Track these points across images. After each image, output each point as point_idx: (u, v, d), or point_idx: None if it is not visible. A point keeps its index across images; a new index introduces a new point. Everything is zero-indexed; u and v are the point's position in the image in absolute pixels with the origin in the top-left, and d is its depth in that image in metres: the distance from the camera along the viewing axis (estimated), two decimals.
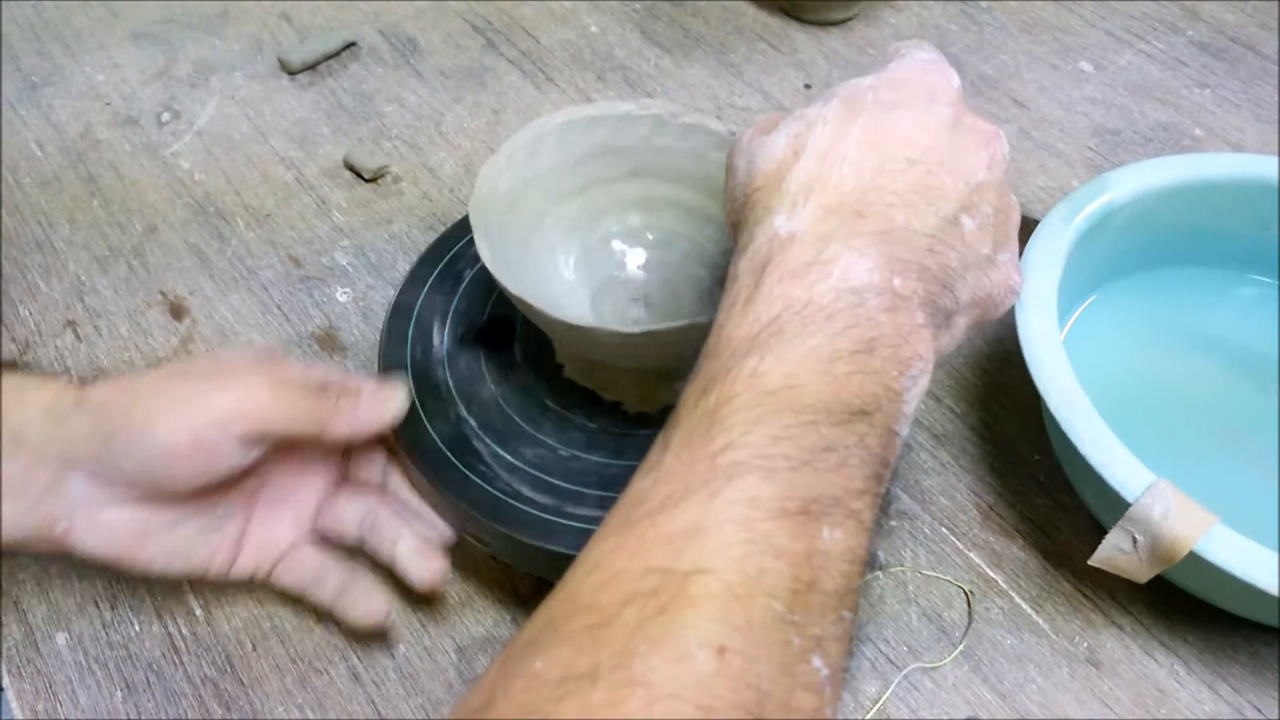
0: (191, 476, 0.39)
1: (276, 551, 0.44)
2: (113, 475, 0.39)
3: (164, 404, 0.38)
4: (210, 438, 0.38)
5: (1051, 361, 0.43)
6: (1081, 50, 0.74)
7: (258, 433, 0.39)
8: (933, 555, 0.48)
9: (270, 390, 0.39)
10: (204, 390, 0.39)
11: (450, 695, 0.44)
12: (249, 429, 0.39)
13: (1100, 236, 0.50)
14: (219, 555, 0.42)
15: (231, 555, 0.43)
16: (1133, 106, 0.69)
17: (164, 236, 0.62)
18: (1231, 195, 0.51)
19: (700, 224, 0.48)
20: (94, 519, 0.39)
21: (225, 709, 0.44)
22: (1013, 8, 0.77)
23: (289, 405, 0.40)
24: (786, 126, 0.35)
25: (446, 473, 0.42)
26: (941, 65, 0.38)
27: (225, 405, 0.39)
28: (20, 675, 0.45)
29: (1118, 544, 0.40)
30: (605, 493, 0.42)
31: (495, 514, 0.41)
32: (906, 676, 0.44)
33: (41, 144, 0.68)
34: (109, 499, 0.39)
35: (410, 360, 0.46)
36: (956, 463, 0.51)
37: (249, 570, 0.43)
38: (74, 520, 0.39)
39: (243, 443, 0.39)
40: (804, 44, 0.75)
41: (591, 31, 0.76)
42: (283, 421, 0.39)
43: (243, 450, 0.39)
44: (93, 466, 0.39)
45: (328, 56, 0.73)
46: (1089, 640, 0.45)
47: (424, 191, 0.65)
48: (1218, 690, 0.44)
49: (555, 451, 0.43)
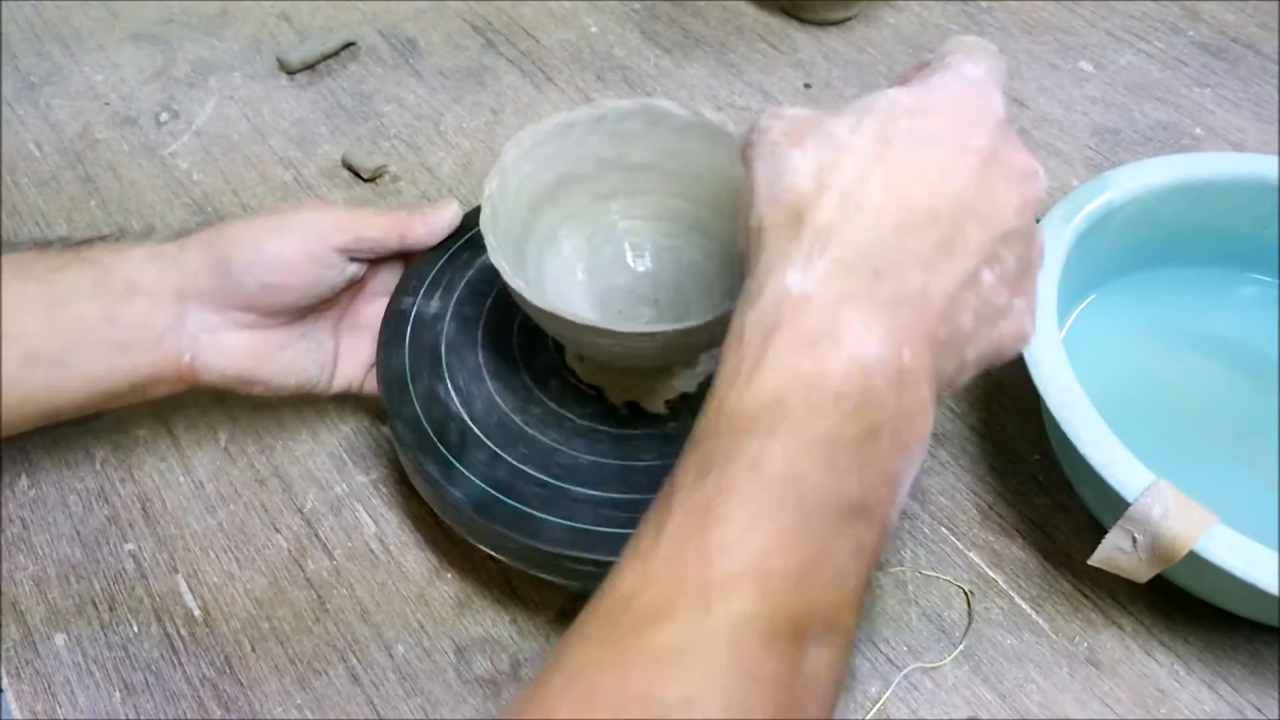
0: (302, 290, 0.45)
1: (365, 367, 0.50)
2: (231, 299, 0.44)
3: (269, 229, 0.44)
4: (316, 250, 0.44)
5: (1051, 361, 0.43)
6: (1082, 50, 0.74)
7: (354, 240, 0.45)
8: (933, 555, 0.48)
9: (353, 210, 0.46)
10: (300, 216, 0.45)
11: (449, 695, 0.44)
12: (347, 240, 0.45)
13: (1100, 236, 0.50)
14: (324, 371, 0.49)
15: (330, 372, 0.49)
16: (1133, 106, 0.69)
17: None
18: (1231, 195, 0.51)
19: (707, 221, 0.48)
20: (216, 344, 0.45)
21: (224, 709, 0.43)
22: (1013, 8, 0.77)
23: (372, 218, 0.46)
24: (814, 149, 0.32)
25: (448, 475, 0.42)
26: (987, 88, 0.34)
27: (323, 222, 0.45)
28: (19, 676, 0.45)
29: (1118, 544, 0.40)
30: (603, 493, 0.42)
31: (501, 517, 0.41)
32: (906, 676, 0.44)
33: (40, 144, 0.68)
34: (226, 325, 0.45)
35: (410, 359, 0.46)
36: (956, 462, 0.51)
37: (346, 383, 0.50)
38: (197, 349, 0.45)
39: (342, 253, 0.45)
40: (804, 44, 0.75)
41: (591, 31, 0.76)
42: (370, 228, 0.46)
43: (342, 260, 0.46)
44: (210, 295, 0.44)
45: (327, 56, 0.73)
46: (1089, 640, 0.45)
47: (423, 191, 0.65)
48: (1218, 690, 0.44)
49: (557, 453, 0.43)
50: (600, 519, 0.41)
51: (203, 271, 0.44)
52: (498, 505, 0.41)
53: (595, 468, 0.43)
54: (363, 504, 0.50)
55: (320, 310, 0.48)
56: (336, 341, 0.49)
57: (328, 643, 0.45)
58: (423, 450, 0.43)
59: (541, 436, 0.44)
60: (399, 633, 0.46)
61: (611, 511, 0.41)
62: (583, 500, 0.41)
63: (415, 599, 0.47)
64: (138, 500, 0.50)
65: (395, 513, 0.50)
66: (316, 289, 0.45)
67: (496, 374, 0.46)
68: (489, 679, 0.44)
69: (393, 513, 0.50)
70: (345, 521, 0.49)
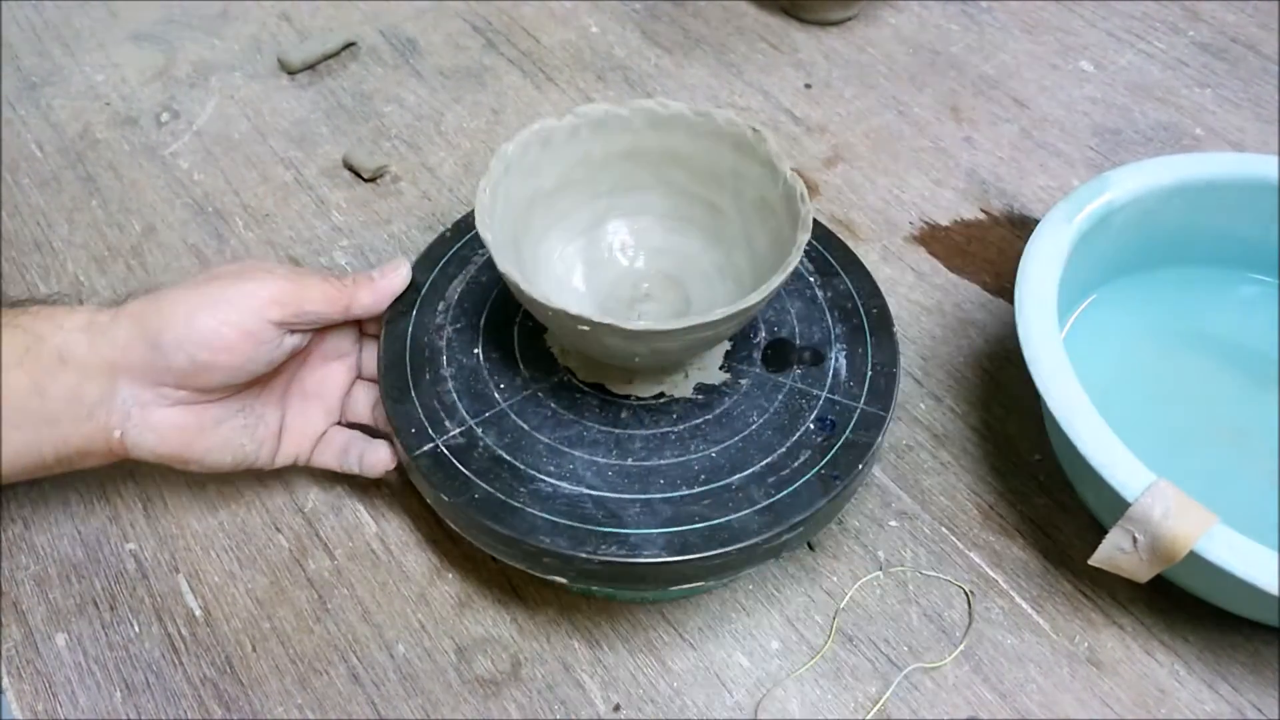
0: (236, 368, 0.42)
1: (312, 439, 0.48)
2: (161, 376, 0.42)
3: (203, 300, 0.42)
4: (250, 326, 0.42)
5: (1051, 361, 0.43)
6: (1082, 50, 0.74)
7: (294, 314, 0.43)
8: (933, 555, 0.48)
9: (295, 280, 0.44)
10: (237, 285, 0.42)
11: (450, 695, 0.44)
12: (285, 314, 0.43)
13: (1100, 236, 0.50)
14: (264, 447, 0.46)
15: (274, 447, 0.47)
16: (1133, 106, 0.69)
17: (163, 236, 0.62)
18: (1231, 195, 0.51)
19: (707, 218, 0.48)
20: (146, 422, 0.43)
21: (225, 709, 0.44)
22: (1013, 8, 0.77)
23: (314, 289, 0.44)
24: None
25: (449, 475, 0.42)
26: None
27: (259, 295, 0.42)
28: (20, 676, 0.45)
29: (1118, 544, 0.40)
30: (604, 493, 0.42)
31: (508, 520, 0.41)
32: (907, 676, 0.44)
33: (41, 144, 0.68)
34: (158, 400, 0.42)
35: (409, 357, 0.46)
36: (957, 463, 0.51)
37: (291, 457, 0.47)
38: (127, 426, 0.42)
39: (279, 328, 0.43)
40: (804, 44, 0.75)
41: (591, 31, 0.76)
42: (311, 302, 0.43)
43: (279, 335, 0.43)
44: (141, 370, 0.42)
45: (327, 56, 0.73)
46: (1089, 640, 0.45)
47: (423, 191, 0.65)
48: (1218, 690, 0.44)
49: (558, 453, 0.43)
50: (601, 519, 0.41)
51: (133, 346, 0.41)
52: (498, 505, 0.41)
53: (596, 467, 0.43)
54: (363, 504, 0.50)
55: (264, 382, 0.46)
56: (283, 412, 0.47)
57: (328, 642, 0.45)
58: (423, 450, 0.43)
59: (528, 427, 0.44)
60: (400, 632, 0.46)
61: (612, 511, 0.41)
62: (584, 500, 0.41)
63: (416, 599, 0.47)
64: (139, 500, 0.50)
65: (396, 512, 0.50)
66: (252, 365, 0.43)
67: (497, 374, 0.46)
68: (490, 679, 0.44)
69: (393, 512, 0.50)
70: (346, 521, 0.49)
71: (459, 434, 0.44)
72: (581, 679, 0.44)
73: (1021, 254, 0.47)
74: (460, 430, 0.44)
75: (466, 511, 0.41)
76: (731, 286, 0.47)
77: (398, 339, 0.47)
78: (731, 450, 0.43)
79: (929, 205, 0.64)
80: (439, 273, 0.50)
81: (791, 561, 0.48)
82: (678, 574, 0.40)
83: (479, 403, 0.45)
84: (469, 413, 0.44)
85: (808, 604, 0.46)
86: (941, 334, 0.57)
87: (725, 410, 0.45)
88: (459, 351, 0.47)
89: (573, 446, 0.43)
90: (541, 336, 0.48)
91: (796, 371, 0.46)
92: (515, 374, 0.46)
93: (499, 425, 0.44)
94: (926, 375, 0.55)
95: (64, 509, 0.50)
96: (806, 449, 0.43)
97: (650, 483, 0.42)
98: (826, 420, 0.44)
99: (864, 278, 0.49)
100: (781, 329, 0.48)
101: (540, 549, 0.40)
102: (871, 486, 0.50)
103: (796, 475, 0.42)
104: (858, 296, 0.49)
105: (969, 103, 0.70)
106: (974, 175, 0.65)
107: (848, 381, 0.45)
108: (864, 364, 0.46)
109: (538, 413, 0.45)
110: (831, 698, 0.44)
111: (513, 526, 0.40)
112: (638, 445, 0.44)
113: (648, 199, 0.49)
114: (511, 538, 0.40)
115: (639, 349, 0.41)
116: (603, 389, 0.46)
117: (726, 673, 0.45)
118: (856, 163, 0.66)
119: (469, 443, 0.43)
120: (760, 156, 0.45)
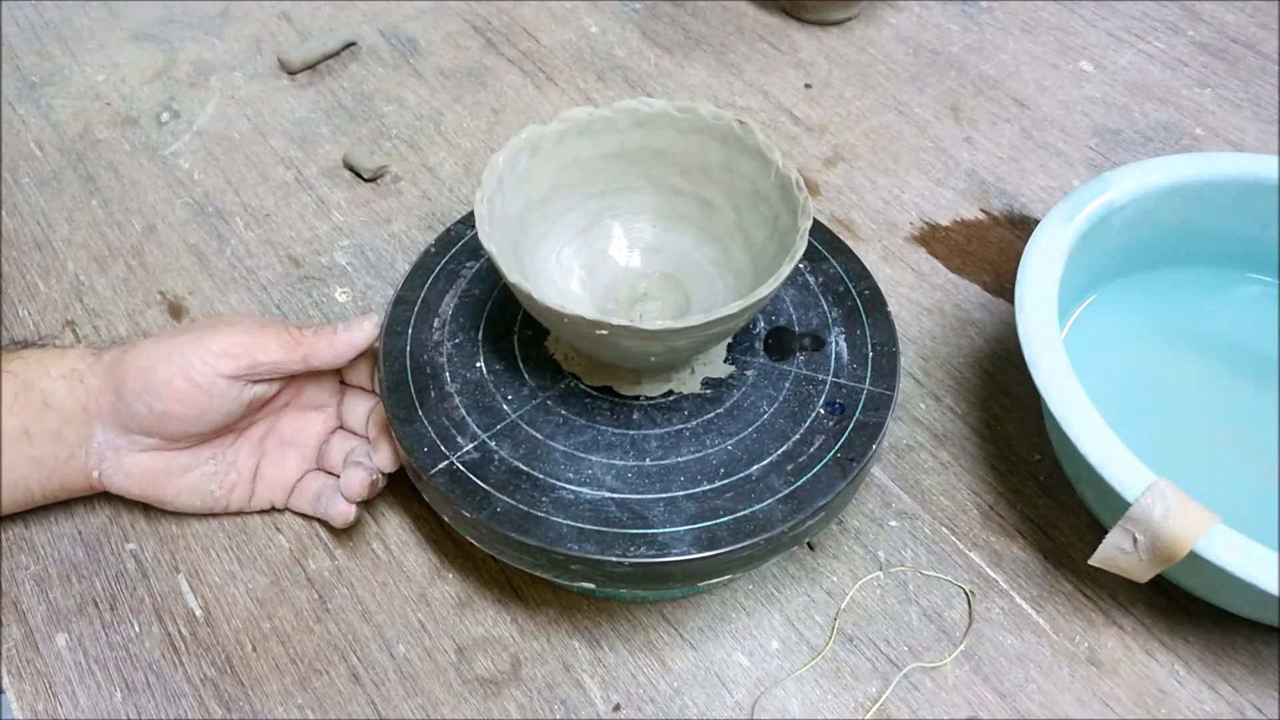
0: (193, 417, 0.44)
1: (286, 486, 0.49)
2: (128, 423, 0.44)
3: (162, 353, 0.44)
4: (201, 380, 0.43)
5: (1051, 361, 0.43)
6: (1082, 50, 0.74)
7: (246, 367, 0.44)
8: (933, 555, 0.48)
9: (253, 332, 0.45)
10: (195, 339, 0.44)
11: (450, 695, 0.44)
12: (239, 367, 0.44)
13: (1100, 236, 0.50)
14: (235, 493, 0.48)
15: (247, 492, 0.48)
16: (1133, 106, 0.69)
17: (163, 236, 0.62)
18: (1231, 195, 0.52)
19: (701, 214, 0.48)
20: (118, 465, 0.46)
21: (225, 709, 0.44)
22: (1013, 8, 0.77)
23: (272, 340, 0.45)
24: None
25: (448, 475, 0.42)
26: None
27: (212, 348, 0.43)
28: (20, 676, 0.45)
29: (1118, 544, 0.40)
30: (605, 493, 0.42)
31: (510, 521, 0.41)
32: (907, 676, 0.44)
33: (41, 144, 0.68)
34: (130, 446, 0.45)
35: (411, 377, 0.46)
36: (957, 462, 0.51)
37: (267, 502, 0.49)
38: (103, 467, 0.46)
39: (233, 381, 0.44)
40: (804, 44, 0.75)
41: (591, 31, 0.76)
42: (267, 354, 0.44)
43: (235, 388, 0.44)
44: (110, 417, 0.44)
45: (327, 56, 0.73)
46: (1089, 640, 0.45)
47: (423, 191, 0.65)
48: (1218, 690, 0.44)
49: (558, 453, 0.43)
50: (627, 521, 0.41)
51: (104, 394, 0.44)
52: (522, 517, 0.41)
53: (615, 470, 0.43)
54: (364, 503, 0.50)
55: (239, 430, 0.47)
56: (258, 459, 0.48)
57: (329, 642, 0.45)
58: (438, 468, 0.43)
59: (541, 436, 0.44)
60: (400, 632, 0.46)
61: (637, 512, 0.41)
62: (608, 504, 0.41)
63: (416, 598, 0.47)
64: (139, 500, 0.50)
65: (396, 512, 0.50)
66: (211, 416, 0.44)
67: (502, 385, 0.46)
68: (490, 679, 0.44)
69: (394, 512, 0.50)
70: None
71: (472, 449, 0.43)
72: (581, 679, 0.44)
73: (1021, 254, 0.47)
74: (473, 445, 0.43)
75: (490, 526, 0.41)
76: (730, 281, 0.47)
77: (396, 359, 0.46)
78: (747, 441, 0.43)
79: (929, 205, 0.64)
80: (429, 289, 0.49)
81: (791, 561, 0.48)
82: (707, 569, 0.40)
83: (488, 416, 0.44)
84: (480, 427, 0.44)
85: (808, 604, 0.47)
86: (941, 334, 0.57)
87: (735, 403, 0.45)
88: (461, 366, 0.46)
89: (589, 451, 0.43)
90: (543, 344, 0.47)
91: (800, 358, 0.46)
92: (521, 384, 0.46)
93: (512, 437, 0.44)
94: (926, 375, 0.55)
95: (64, 509, 0.50)
96: (820, 434, 0.43)
97: (671, 481, 0.42)
98: (835, 404, 0.44)
99: (850, 260, 0.50)
100: (780, 317, 0.48)
101: (569, 556, 0.40)
102: (871, 486, 0.50)
103: (814, 461, 0.42)
104: (848, 279, 0.49)
105: (969, 103, 0.70)
106: (974, 175, 0.65)
107: (851, 364, 0.46)
108: (864, 345, 0.46)
109: (549, 421, 0.44)
110: (831, 697, 0.44)
111: (539, 536, 0.40)
112: (653, 445, 0.43)
113: (640, 198, 0.49)
114: (539, 548, 0.40)
115: (655, 349, 0.41)
116: (611, 391, 0.46)
117: (726, 672, 0.45)
118: (856, 163, 0.66)
119: (484, 457, 0.43)
120: (750, 149, 0.45)
